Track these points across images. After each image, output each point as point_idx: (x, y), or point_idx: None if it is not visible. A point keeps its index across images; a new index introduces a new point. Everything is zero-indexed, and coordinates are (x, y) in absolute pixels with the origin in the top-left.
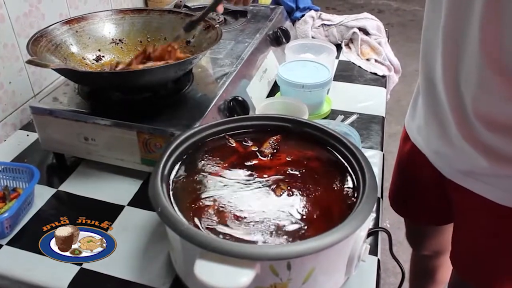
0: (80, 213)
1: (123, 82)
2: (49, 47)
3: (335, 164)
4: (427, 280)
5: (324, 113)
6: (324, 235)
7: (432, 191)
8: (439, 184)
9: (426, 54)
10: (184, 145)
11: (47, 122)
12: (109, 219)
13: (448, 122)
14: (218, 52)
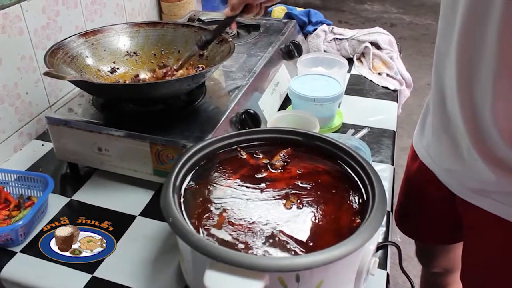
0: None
1: (137, 94)
2: (65, 59)
3: (345, 178)
4: None
5: (335, 127)
6: (333, 248)
7: (440, 210)
8: (448, 203)
9: (439, 67)
10: (196, 157)
11: (62, 133)
12: (121, 229)
13: (460, 137)
14: (231, 65)
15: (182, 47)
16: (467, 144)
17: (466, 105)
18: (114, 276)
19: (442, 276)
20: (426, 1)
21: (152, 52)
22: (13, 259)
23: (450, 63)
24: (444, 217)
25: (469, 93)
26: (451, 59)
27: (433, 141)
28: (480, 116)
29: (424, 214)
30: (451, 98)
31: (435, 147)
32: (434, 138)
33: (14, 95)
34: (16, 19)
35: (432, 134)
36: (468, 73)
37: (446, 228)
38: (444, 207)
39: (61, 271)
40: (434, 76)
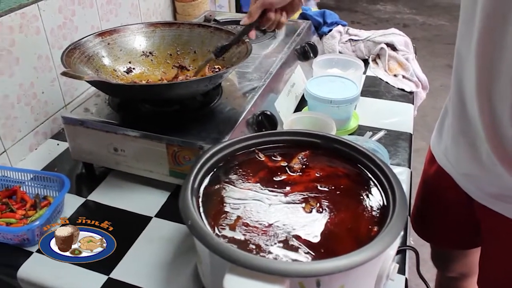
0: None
1: (155, 95)
2: (82, 58)
3: (364, 182)
4: None
5: (351, 129)
6: (354, 253)
7: (458, 215)
8: (466, 208)
9: (458, 70)
10: (214, 159)
11: (78, 132)
12: (137, 230)
13: (479, 141)
14: (247, 66)
15: (198, 47)
16: (486, 148)
17: (486, 109)
18: (130, 278)
19: (458, 280)
20: (440, 2)
21: (168, 52)
22: (30, 259)
23: (470, 67)
24: (461, 222)
25: (488, 97)
26: (470, 63)
27: (451, 145)
28: (500, 120)
29: (442, 218)
30: (470, 102)
31: (453, 151)
32: (453, 142)
33: (30, 95)
34: (33, 19)
35: (451, 137)
36: (488, 77)
37: (464, 233)
38: (462, 212)
39: (77, 272)
40: (454, 79)
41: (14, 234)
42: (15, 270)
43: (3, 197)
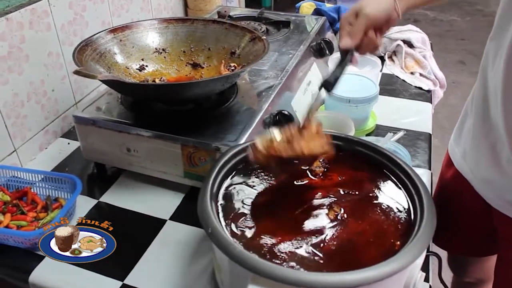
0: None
1: (171, 94)
2: (94, 56)
3: (389, 187)
4: None
5: (368, 129)
6: (384, 264)
7: (475, 221)
8: (483, 215)
9: (485, 71)
10: (233, 161)
11: (90, 132)
12: (151, 234)
13: (500, 146)
14: (262, 64)
15: (212, 44)
16: (507, 153)
17: (510, 113)
18: (145, 284)
19: (475, 286)
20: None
21: (181, 49)
22: (41, 263)
23: (498, 69)
24: (478, 229)
25: None
26: (499, 65)
27: (471, 149)
28: None
29: (458, 225)
30: (494, 104)
31: (472, 155)
32: (473, 145)
33: (40, 92)
34: (43, 14)
35: (470, 140)
36: None
37: (480, 240)
38: (479, 219)
39: (90, 277)
40: (479, 80)
41: (26, 238)
42: (26, 275)
43: (14, 198)
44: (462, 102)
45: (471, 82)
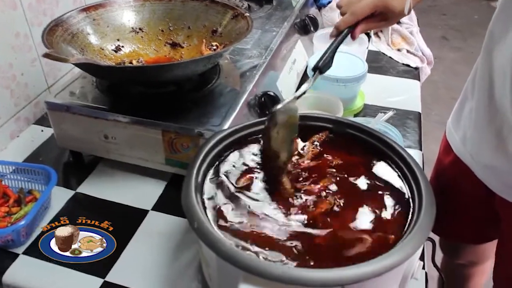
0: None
1: (149, 77)
2: (65, 37)
3: (385, 172)
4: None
5: (356, 109)
6: (383, 257)
7: (475, 208)
8: (484, 201)
9: (489, 52)
10: (218, 148)
11: (64, 119)
12: (132, 226)
13: (507, 130)
14: (245, 43)
15: (192, 22)
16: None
17: None
18: (128, 280)
19: (466, 267)
20: None
21: (159, 28)
22: (16, 262)
23: (504, 50)
24: (478, 216)
25: None
26: (506, 46)
27: (472, 134)
28: None
29: (456, 212)
30: (502, 87)
31: (474, 140)
32: (475, 130)
33: (9, 77)
34: None
35: (473, 125)
36: None
37: (479, 228)
38: (479, 205)
39: (70, 275)
40: (482, 62)
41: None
42: None
43: None
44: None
45: (453, 57)
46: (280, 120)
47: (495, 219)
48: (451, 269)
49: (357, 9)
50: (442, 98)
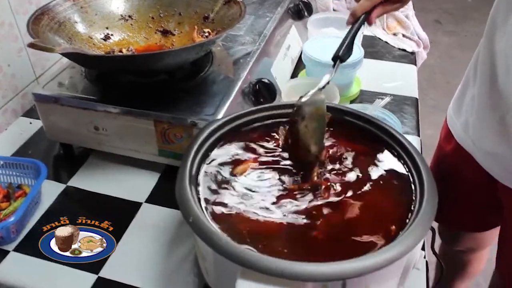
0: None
1: (139, 66)
2: (52, 25)
3: (385, 161)
4: (457, 272)
5: (353, 95)
6: (386, 250)
7: (476, 196)
8: (486, 189)
9: (491, 37)
10: (212, 138)
11: (53, 111)
12: (125, 219)
13: (510, 117)
14: (238, 29)
15: (183, 8)
16: None
17: None
18: (123, 276)
19: (465, 253)
20: None
21: (149, 15)
22: (6, 259)
23: (508, 36)
24: (479, 204)
25: None
26: (510, 31)
27: (474, 121)
28: None
29: (456, 200)
30: (505, 73)
31: (476, 127)
32: (477, 117)
33: None
34: None
35: (475, 112)
36: None
37: (481, 216)
38: (480, 192)
39: (63, 272)
40: (484, 47)
41: None
42: None
43: None
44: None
45: (448, 41)
46: (307, 113)
47: (497, 206)
48: (450, 256)
49: None
50: (437, 83)
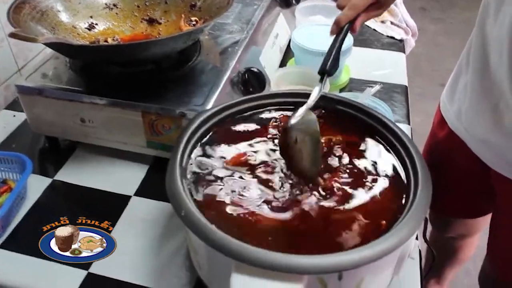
0: (82, 207)
1: (126, 55)
2: (34, 14)
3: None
4: (447, 258)
5: (342, 83)
6: (381, 240)
7: (469, 183)
8: (478, 176)
9: (483, 23)
10: (202, 129)
11: (37, 103)
12: (114, 213)
13: (504, 104)
14: (226, 17)
15: None
16: None
17: None
18: (113, 271)
19: (455, 240)
20: None
21: (135, 3)
22: None
23: (503, 23)
24: (472, 190)
25: None
26: (504, 17)
27: (467, 108)
28: None
29: (448, 187)
30: (498, 61)
31: (469, 115)
32: (470, 105)
33: None
34: None
35: (468, 99)
36: None
37: (473, 202)
38: (474, 180)
39: (51, 269)
40: (477, 34)
41: None
42: None
43: None
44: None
45: (434, 29)
46: (300, 136)
47: (489, 192)
48: (440, 243)
49: (358, 1)
50: (423, 70)
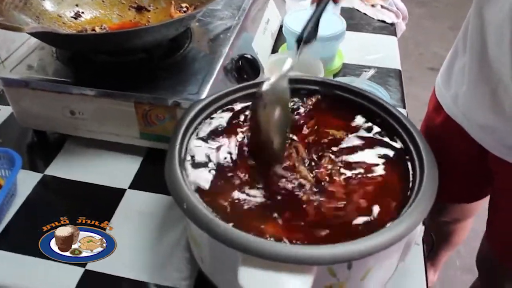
0: (75, 202)
1: (115, 44)
2: (17, 3)
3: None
4: (442, 242)
5: (335, 68)
6: (390, 228)
7: (467, 167)
8: (476, 160)
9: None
10: (199, 118)
11: (23, 96)
12: (109, 207)
13: (503, 88)
14: (216, 3)
15: None
16: (511, 97)
17: None
18: (111, 267)
19: (449, 224)
20: None
21: None
22: None
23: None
24: (469, 175)
25: None
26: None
27: (465, 92)
28: None
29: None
30: (497, 46)
31: (467, 99)
32: (468, 89)
33: None
34: None
35: (466, 84)
36: None
37: (470, 187)
38: (472, 165)
39: (46, 268)
40: (474, 17)
41: None
42: None
43: None
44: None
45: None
46: (269, 100)
47: (486, 176)
48: (435, 227)
49: None
50: (410, 54)
